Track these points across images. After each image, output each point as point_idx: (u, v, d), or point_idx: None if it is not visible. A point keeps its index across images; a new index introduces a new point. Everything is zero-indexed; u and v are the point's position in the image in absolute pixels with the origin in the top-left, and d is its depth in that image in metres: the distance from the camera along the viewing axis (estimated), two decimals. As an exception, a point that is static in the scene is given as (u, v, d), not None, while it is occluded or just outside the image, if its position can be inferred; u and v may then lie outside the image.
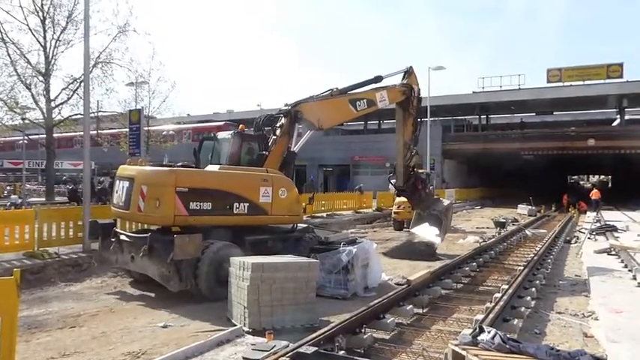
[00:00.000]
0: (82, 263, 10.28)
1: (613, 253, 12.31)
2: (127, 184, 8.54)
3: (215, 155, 10.20)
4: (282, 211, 9.31)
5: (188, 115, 50.19)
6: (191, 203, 7.99)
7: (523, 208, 29.33)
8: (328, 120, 11.06)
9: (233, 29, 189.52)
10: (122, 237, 8.88)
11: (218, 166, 9.27)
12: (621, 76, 40.07)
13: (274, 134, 10.16)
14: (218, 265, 7.82)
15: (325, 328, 5.50)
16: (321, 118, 10.59)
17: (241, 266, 6.57)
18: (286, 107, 10.34)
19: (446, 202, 15.26)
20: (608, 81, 40.10)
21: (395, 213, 19.85)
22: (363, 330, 5.82)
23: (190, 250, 7.61)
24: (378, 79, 12.02)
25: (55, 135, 26.11)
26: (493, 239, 15.30)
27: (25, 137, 28.01)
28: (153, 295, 8.49)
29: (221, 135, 10.63)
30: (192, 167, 9.73)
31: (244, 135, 10.13)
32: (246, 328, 6.11)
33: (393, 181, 13.81)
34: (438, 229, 13.05)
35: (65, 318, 7.05)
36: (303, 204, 10.43)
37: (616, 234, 16.68)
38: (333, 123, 11.96)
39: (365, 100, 11.60)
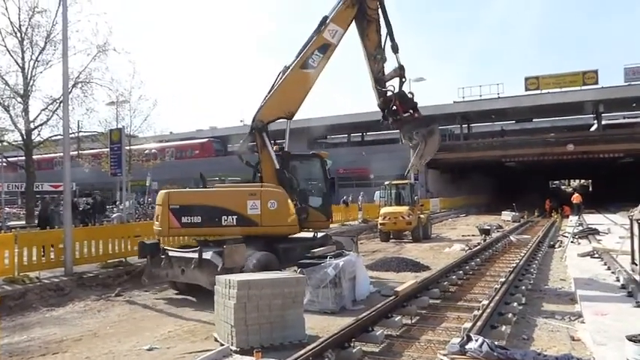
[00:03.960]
0: (64, 287, 10.08)
1: (596, 256, 12.47)
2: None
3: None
4: (274, 222, 9.70)
5: (171, 132, 50.01)
6: (183, 217, 9.61)
7: (507, 215, 29.68)
8: (293, 102, 10.52)
9: (215, 47, 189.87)
10: (171, 253, 9.76)
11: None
12: (597, 83, 41.18)
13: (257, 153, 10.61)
14: (260, 271, 8.20)
15: (314, 344, 5.45)
16: (285, 108, 10.51)
17: (227, 284, 6.47)
18: (250, 126, 10.62)
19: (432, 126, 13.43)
20: (584, 87, 41.12)
21: (381, 224, 19.88)
22: (352, 344, 5.79)
23: (237, 259, 8.59)
24: (324, 20, 10.62)
25: (34, 156, 25.68)
26: (479, 246, 15.40)
27: (4, 159, 27.52)
28: (136, 316, 8.35)
29: None
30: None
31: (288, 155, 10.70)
32: (233, 348, 6.01)
33: (376, 102, 12.04)
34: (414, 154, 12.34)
35: (48, 344, 6.88)
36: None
37: (598, 237, 16.93)
38: (299, 101, 10.69)
39: (316, 51, 10.49)
